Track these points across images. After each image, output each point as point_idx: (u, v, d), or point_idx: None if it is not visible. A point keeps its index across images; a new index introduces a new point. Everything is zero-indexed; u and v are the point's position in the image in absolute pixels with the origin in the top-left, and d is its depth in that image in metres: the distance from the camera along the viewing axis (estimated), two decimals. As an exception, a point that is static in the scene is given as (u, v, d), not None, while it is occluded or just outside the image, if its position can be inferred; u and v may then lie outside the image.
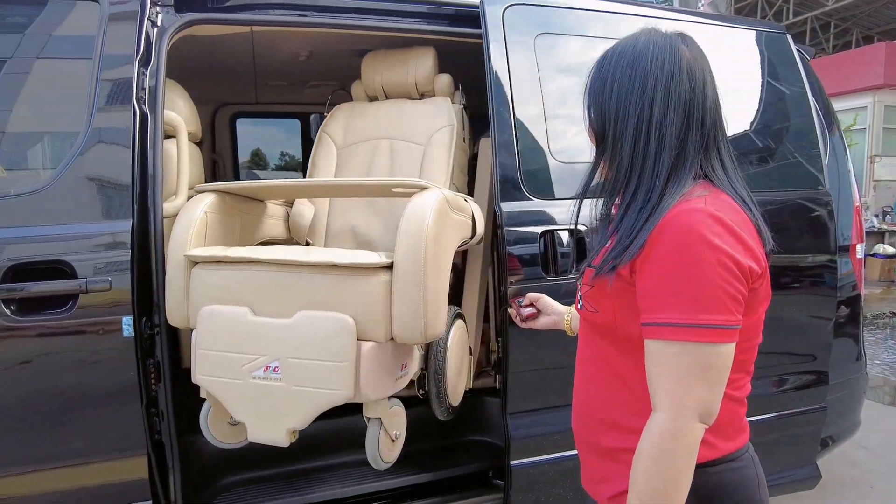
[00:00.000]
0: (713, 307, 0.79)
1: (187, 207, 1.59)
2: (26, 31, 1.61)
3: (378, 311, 1.39)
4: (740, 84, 2.08)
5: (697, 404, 0.80)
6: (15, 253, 1.44)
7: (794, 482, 2.12)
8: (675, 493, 0.80)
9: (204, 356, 1.48)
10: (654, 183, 0.88)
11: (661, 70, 0.88)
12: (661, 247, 0.82)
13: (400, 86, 2.20)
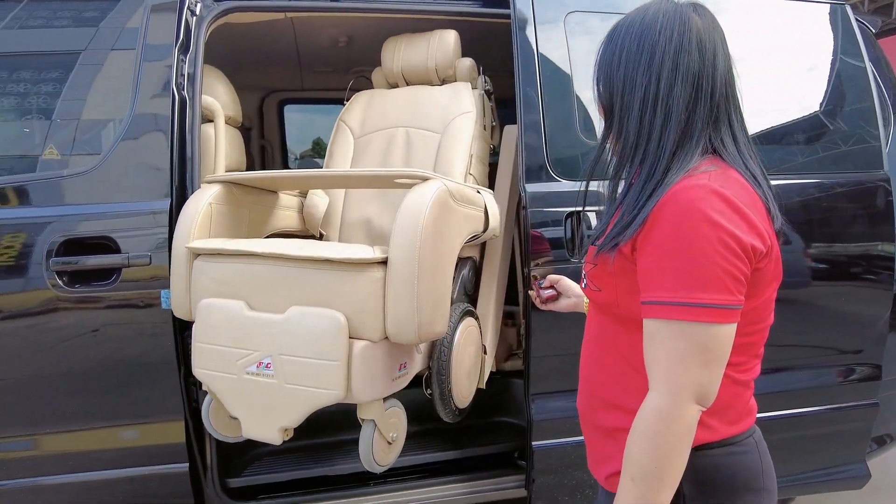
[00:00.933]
0: (712, 286, 0.77)
1: (193, 198, 1.56)
2: (77, 25, 1.72)
3: (371, 309, 1.33)
4: (792, 60, 1.97)
5: (693, 386, 0.78)
6: (67, 229, 1.56)
7: (839, 480, 2.02)
8: (666, 475, 0.79)
9: (201, 350, 1.46)
10: (659, 157, 0.86)
11: (669, 40, 0.86)
12: (661, 224, 0.81)
13: (420, 71, 2.11)
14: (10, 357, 1.56)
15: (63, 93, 1.67)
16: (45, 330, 1.56)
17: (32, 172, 1.64)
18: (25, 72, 1.71)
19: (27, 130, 1.73)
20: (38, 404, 1.59)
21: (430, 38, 2.09)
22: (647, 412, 0.80)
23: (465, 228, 1.56)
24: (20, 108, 1.72)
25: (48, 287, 1.54)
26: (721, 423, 0.89)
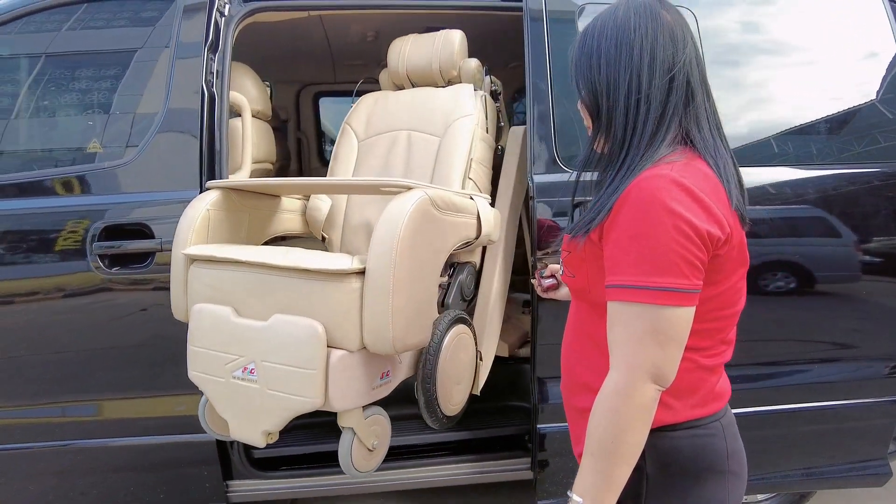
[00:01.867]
0: (667, 270, 0.81)
1: (191, 205, 1.60)
2: (118, 25, 1.87)
3: (349, 319, 1.33)
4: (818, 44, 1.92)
5: (649, 365, 0.82)
6: (108, 216, 1.71)
7: (858, 476, 1.98)
8: (623, 451, 0.83)
9: (194, 353, 1.51)
10: (639, 148, 0.89)
11: (644, 36, 0.89)
12: (624, 212, 0.85)
13: (424, 72, 2.09)
14: (61, 332, 1.73)
15: (105, 89, 1.82)
16: (90, 308, 1.72)
17: (77, 165, 1.79)
18: (72, 70, 1.87)
19: (72, 125, 1.89)
20: (84, 375, 1.75)
21: (434, 39, 2.08)
22: (605, 390, 0.85)
23: (453, 237, 1.55)
24: (67, 104, 1.88)
25: (92, 269, 1.69)
26: (684, 406, 0.92)
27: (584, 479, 0.86)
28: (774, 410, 1.91)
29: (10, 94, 1.87)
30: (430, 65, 2.07)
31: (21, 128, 1.87)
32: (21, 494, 1.82)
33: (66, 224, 1.70)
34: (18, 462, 1.78)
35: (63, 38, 1.87)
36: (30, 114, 1.86)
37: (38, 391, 1.75)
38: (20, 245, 1.70)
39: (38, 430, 1.77)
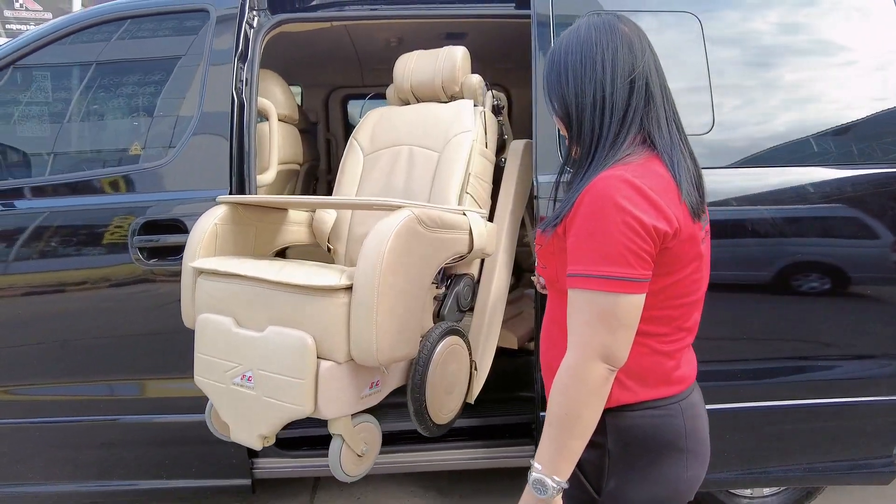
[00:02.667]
0: (616, 261, 0.90)
1: (200, 220, 1.69)
2: (158, 37, 2.04)
3: (337, 332, 1.39)
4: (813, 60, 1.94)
5: (599, 347, 0.91)
6: (147, 213, 1.87)
7: (863, 473, 2.00)
8: (576, 423, 0.92)
9: (199, 359, 1.60)
10: (603, 149, 0.99)
11: (606, 48, 0.99)
12: (582, 209, 0.94)
13: (428, 88, 2.14)
14: (108, 317, 1.91)
15: (146, 96, 2.00)
16: (132, 296, 1.89)
17: (121, 165, 1.97)
18: (117, 78, 2.06)
19: (117, 129, 2.07)
20: (128, 358, 1.93)
21: (437, 56, 2.13)
22: (561, 369, 0.94)
23: (442, 252, 1.61)
24: (113, 109, 2.07)
25: (133, 261, 1.86)
26: (641, 387, 1.01)
27: (543, 448, 0.95)
28: (781, 406, 1.95)
29: (64, 101, 2.06)
30: (433, 81, 2.12)
31: (73, 131, 2.07)
32: (68, 464, 2.02)
33: (111, 220, 1.87)
34: (67, 434, 1.97)
35: (110, 49, 2.05)
36: (80, 118, 2.05)
37: (86, 370, 1.94)
38: (72, 238, 1.88)
39: (86, 406, 1.95)
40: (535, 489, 0.94)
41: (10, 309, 1.92)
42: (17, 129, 2.13)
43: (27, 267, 1.90)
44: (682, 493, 1.06)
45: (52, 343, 1.93)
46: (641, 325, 0.95)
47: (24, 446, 2.00)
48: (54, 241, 1.89)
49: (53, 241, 1.89)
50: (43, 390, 1.96)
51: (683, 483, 1.05)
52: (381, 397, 1.61)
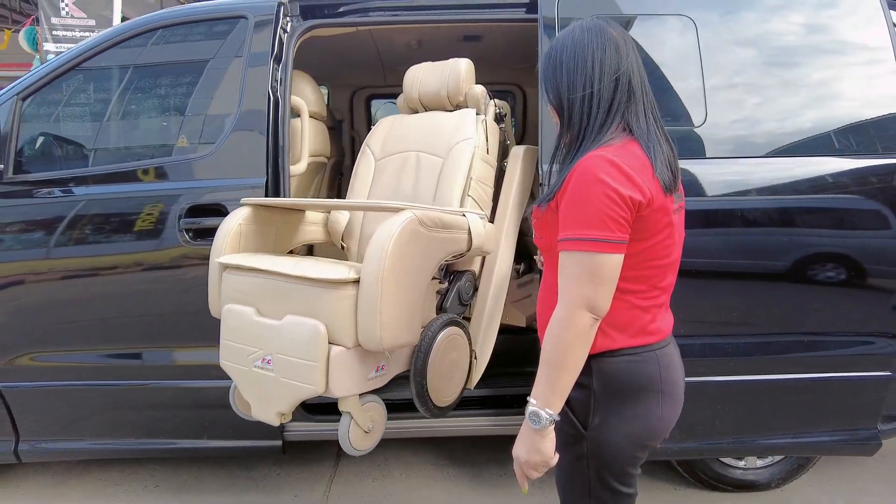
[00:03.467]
0: (597, 226, 1.08)
1: (226, 219, 1.87)
2: (206, 41, 2.27)
3: (346, 320, 1.55)
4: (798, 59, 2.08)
5: (584, 299, 1.08)
6: (193, 197, 2.10)
7: (849, 444, 2.14)
8: (565, 363, 1.10)
9: (225, 345, 1.77)
10: (590, 135, 1.17)
11: (596, 49, 1.17)
12: (569, 184, 1.12)
13: (434, 97, 2.29)
14: (158, 290, 2.14)
15: (193, 94, 2.23)
16: (178, 272, 2.11)
17: (172, 156, 2.21)
18: (170, 78, 2.29)
19: (166, 124, 2.31)
20: (175, 327, 2.16)
21: (443, 68, 2.28)
22: (553, 318, 1.12)
23: (441, 250, 1.75)
24: (162, 106, 2.30)
25: (179, 242, 2.09)
26: (621, 336, 1.18)
27: (538, 386, 1.12)
28: (772, 380, 2.09)
29: (120, 99, 2.31)
30: (438, 91, 2.27)
31: (130, 126, 2.31)
32: (117, 424, 2.25)
33: (162, 203, 2.10)
34: (117, 397, 2.21)
35: (160, 52, 2.29)
36: (134, 115, 2.29)
37: (139, 339, 2.17)
38: (131, 220, 2.11)
39: (135, 371, 2.19)
40: (530, 420, 1.11)
41: (69, 285, 2.15)
42: (76, 124, 2.39)
43: (88, 250, 2.13)
44: (656, 430, 1.22)
45: (108, 314, 2.16)
46: (622, 283, 1.12)
47: (81, 407, 2.24)
48: (111, 224, 2.13)
49: (110, 224, 2.13)
50: (98, 357, 2.20)
51: (657, 420, 1.22)
52: (387, 380, 1.76)
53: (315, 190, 2.77)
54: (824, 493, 2.41)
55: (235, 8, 2.26)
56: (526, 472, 1.17)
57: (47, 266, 2.15)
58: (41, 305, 2.17)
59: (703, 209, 1.99)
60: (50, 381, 2.21)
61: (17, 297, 2.16)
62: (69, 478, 2.56)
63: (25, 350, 2.18)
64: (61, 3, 5.90)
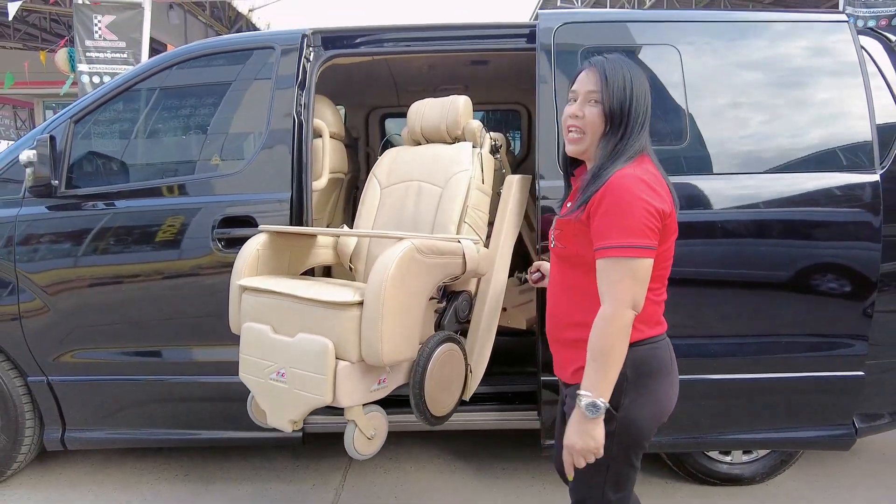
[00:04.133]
0: (637, 235, 1.26)
1: (245, 245, 2.06)
2: (237, 69, 2.52)
3: (351, 338, 1.72)
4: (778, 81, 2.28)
5: (629, 298, 1.26)
6: (225, 210, 2.34)
7: (826, 440, 2.31)
8: (613, 356, 1.27)
9: (243, 359, 1.95)
10: (630, 146, 1.36)
11: (643, 81, 1.40)
12: (606, 199, 1.29)
13: (435, 131, 2.46)
14: (189, 296, 2.37)
15: (225, 116, 2.48)
16: (211, 277, 2.34)
17: (205, 173, 2.45)
18: (205, 101, 2.55)
19: (201, 143, 2.56)
20: (205, 328, 2.38)
21: (444, 103, 2.46)
22: (600, 317, 1.28)
23: (438, 274, 1.93)
24: (198, 127, 2.56)
25: (212, 250, 2.32)
26: (646, 328, 1.38)
27: (588, 378, 1.28)
28: (753, 378, 2.27)
29: (160, 121, 2.57)
30: (439, 125, 2.45)
31: (169, 145, 2.57)
32: (152, 415, 2.48)
33: (197, 215, 2.34)
34: (149, 390, 2.44)
35: (200, 78, 2.55)
36: (176, 134, 2.55)
37: (170, 338, 2.40)
38: (171, 230, 2.35)
39: (164, 367, 2.42)
40: (588, 412, 1.25)
41: (111, 289, 2.41)
42: (120, 143, 2.65)
43: (129, 258, 2.38)
44: (668, 407, 1.43)
45: (146, 315, 2.40)
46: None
47: (119, 400, 2.48)
48: (150, 234, 2.38)
49: (149, 234, 2.38)
50: (135, 354, 2.44)
51: (669, 398, 1.43)
52: (388, 391, 1.93)
53: (334, 203, 3.00)
54: (808, 488, 2.57)
55: (264, 39, 2.52)
56: (576, 461, 1.31)
57: (92, 272, 2.40)
58: (87, 307, 2.42)
59: (688, 221, 2.17)
60: (93, 375, 2.45)
61: (67, 299, 2.41)
62: (107, 465, 2.79)
63: (72, 347, 2.43)
64: (95, 26, 6.27)
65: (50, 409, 2.49)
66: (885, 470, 2.73)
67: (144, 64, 2.53)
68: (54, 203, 2.43)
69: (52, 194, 2.40)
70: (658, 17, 2.35)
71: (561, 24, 2.31)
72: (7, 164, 2.51)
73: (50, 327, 2.42)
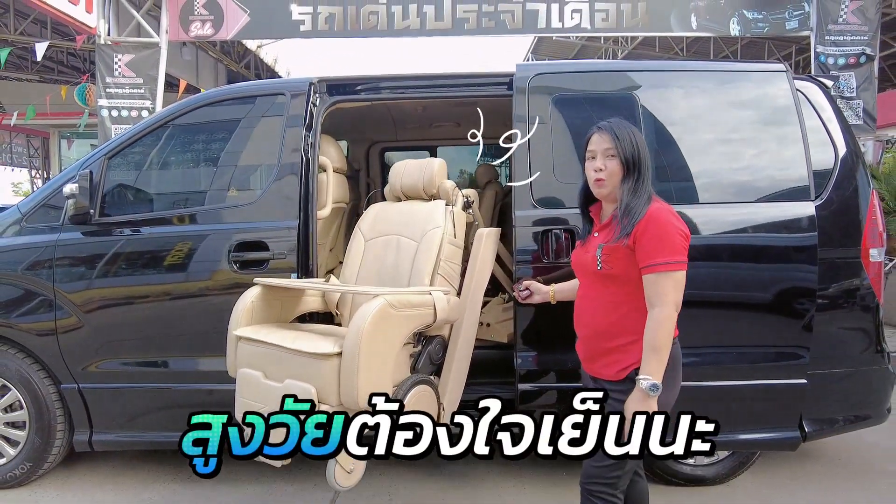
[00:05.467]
0: (680, 253, 1.68)
1: (241, 298, 2.32)
2: (254, 111, 2.87)
3: (331, 384, 1.96)
4: (719, 127, 2.62)
5: (675, 301, 1.67)
6: (241, 236, 2.66)
7: (774, 441, 2.58)
8: (665, 347, 1.66)
9: (239, 401, 2.18)
10: (647, 187, 1.75)
11: (642, 136, 1.80)
12: (650, 227, 1.68)
13: (413, 189, 2.71)
14: (207, 312, 2.67)
15: (240, 153, 2.83)
16: (228, 296, 2.63)
17: (223, 202, 2.78)
18: (220, 139, 2.89)
19: (218, 175, 2.90)
20: (218, 340, 2.65)
21: (421, 165, 2.72)
22: (653, 318, 1.66)
23: (410, 325, 2.17)
24: (217, 161, 2.90)
25: (229, 270, 2.64)
26: (675, 328, 1.72)
27: (650, 366, 1.65)
28: (714, 385, 2.55)
29: (183, 157, 2.91)
30: (416, 184, 2.71)
31: (193, 177, 2.91)
32: (171, 419, 2.75)
33: (216, 240, 2.67)
34: (169, 397, 2.73)
35: (217, 119, 2.90)
36: (197, 167, 2.89)
37: (190, 349, 2.70)
38: (193, 253, 2.67)
39: (183, 376, 2.71)
40: (651, 391, 1.62)
41: (137, 306, 2.72)
42: (146, 176, 2.99)
43: (154, 278, 2.70)
44: (677, 394, 1.79)
45: (168, 329, 2.71)
46: None
47: (141, 405, 2.77)
48: (172, 257, 2.70)
49: (171, 257, 2.70)
50: (157, 364, 2.74)
51: (679, 386, 1.80)
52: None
53: (336, 229, 3.33)
54: (765, 487, 2.82)
55: (276, 86, 2.89)
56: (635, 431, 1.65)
57: (122, 291, 2.73)
58: (116, 322, 2.73)
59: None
60: (119, 383, 2.75)
61: (100, 315, 2.71)
62: (127, 468, 3.06)
63: (101, 357, 2.73)
64: (115, 64, 6.70)
65: (80, 413, 2.77)
66: (837, 471, 2.98)
67: (173, 106, 2.88)
68: (89, 229, 2.75)
69: (87, 221, 2.73)
70: (616, 68, 2.72)
71: (535, 75, 2.66)
72: (51, 194, 2.84)
73: (83, 340, 2.72)
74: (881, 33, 10.97)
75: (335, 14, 6.92)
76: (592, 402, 1.75)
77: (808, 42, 6.81)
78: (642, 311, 1.69)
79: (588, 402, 1.76)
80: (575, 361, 1.97)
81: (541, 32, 7.31)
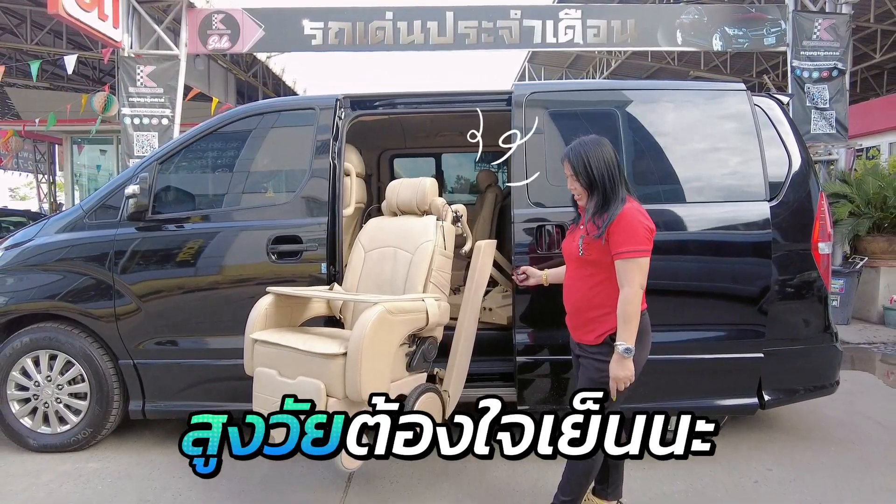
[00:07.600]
0: (643, 243, 2.09)
1: (256, 305, 2.66)
2: (287, 123, 3.30)
3: (338, 380, 2.25)
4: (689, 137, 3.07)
5: (641, 282, 2.08)
6: (277, 231, 3.08)
7: (735, 407, 3.02)
8: (634, 318, 2.06)
9: (256, 396, 2.48)
10: (616, 195, 2.14)
11: (603, 148, 2.19)
12: (622, 224, 2.09)
13: (407, 206, 2.99)
14: (248, 296, 3.06)
15: (277, 159, 3.25)
16: (264, 284, 3.04)
17: (263, 202, 3.21)
18: (258, 147, 3.32)
19: (259, 179, 3.33)
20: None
21: (415, 183, 3.00)
22: (624, 296, 2.07)
23: (405, 328, 2.48)
24: (256, 166, 3.33)
25: (269, 261, 3.06)
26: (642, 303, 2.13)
27: (623, 334, 2.05)
28: (684, 359, 2.99)
29: (229, 162, 3.34)
30: (410, 202, 2.99)
31: (237, 181, 3.34)
32: (213, 391, 3.16)
33: (258, 234, 3.09)
34: (218, 370, 3.13)
35: (256, 129, 3.33)
36: (242, 173, 3.32)
37: (232, 329, 3.09)
38: (236, 246, 3.10)
39: (227, 352, 3.08)
40: (625, 352, 2.03)
41: (187, 292, 3.14)
42: (192, 178, 3.41)
43: (203, 269, 3.12)
44: (647, 356, 2.19)
45: (213, 312, 3.13)
46: None
47: (188, 378, 3.17)
48: (217, 249, 3.12)
49: (216, 249, 3.12)
50: (204, 342, 3.15)
51: (648, 351, 2.21)
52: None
53: (356, 225, 3.75)
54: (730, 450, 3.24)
55: (307, 101, 3.34)
56: (619, 386, 2.06)
57: (174, 279, 3.15)
58: (169, 306, 3.14)
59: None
60: (169, 359, 3.16)
61: (154, 300, 3.13)
62: (172, 438, 3.46)
63: (154, 336, 3.14)
64: (137, 75, 7.12)
65: (134, 385, 3.18)
66: (789, 439, 3.41)
67: (216, 119, 3.31)
68: (143, 225, 3.17)
69: (142, 218, 3.14)
70: (600, 87, 3.15)
71: (531, 92, 3.11)
72: (109, 193, 3.26)
73: (139, 322, 3.13)
74: (862, 45, 11.54)
75: (345, 29, 7.37)
76: (592, 402, 2.06)
77: (785, 57, 7.29)
78: (615, 288, 2.10)
79: (588, 403, 2.07)
80: (563, 338, 2.39)
81: (536, 47, 7.79)
